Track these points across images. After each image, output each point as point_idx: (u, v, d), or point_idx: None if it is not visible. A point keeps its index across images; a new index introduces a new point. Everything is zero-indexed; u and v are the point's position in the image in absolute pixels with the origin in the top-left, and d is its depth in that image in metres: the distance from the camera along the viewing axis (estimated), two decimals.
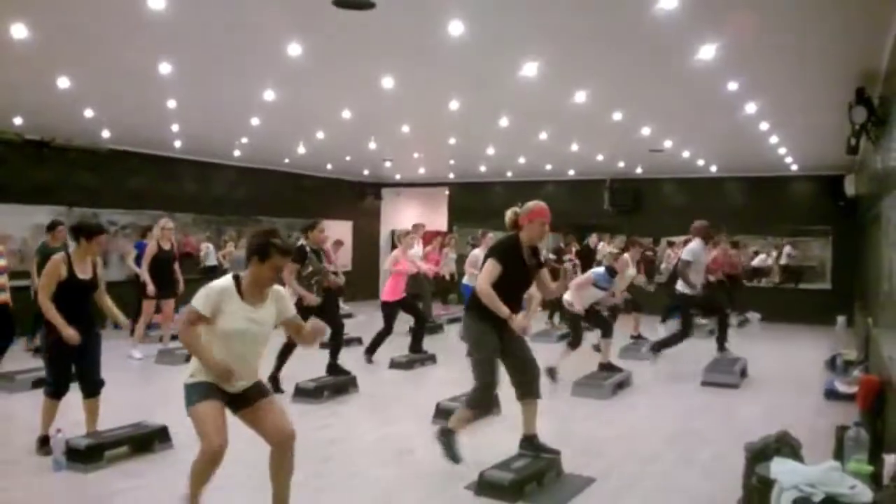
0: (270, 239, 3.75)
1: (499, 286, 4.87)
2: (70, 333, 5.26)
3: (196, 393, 3.70)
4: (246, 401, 3.85)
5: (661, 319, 12.43)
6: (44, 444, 5.46)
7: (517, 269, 4.97)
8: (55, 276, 5.38)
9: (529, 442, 5.24)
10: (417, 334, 9.83)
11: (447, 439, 5.07)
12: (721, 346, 8.99)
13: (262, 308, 3.81)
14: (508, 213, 5.16)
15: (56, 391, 5.51)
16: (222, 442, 3.64)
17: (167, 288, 9.79)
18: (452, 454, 5.03)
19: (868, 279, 9.11)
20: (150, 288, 9.56)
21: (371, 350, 9.57)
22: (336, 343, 8.13)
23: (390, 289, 9.56)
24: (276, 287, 3.91)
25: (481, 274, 4.90)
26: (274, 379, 7.59)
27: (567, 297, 8.48)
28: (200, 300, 3.67)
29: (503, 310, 4.82)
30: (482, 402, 5.08)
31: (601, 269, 8.80)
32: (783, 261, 15.85)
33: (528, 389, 5.15)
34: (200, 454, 3.68)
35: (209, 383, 3.72)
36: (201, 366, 3.73)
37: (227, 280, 3.77)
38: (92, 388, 5.61)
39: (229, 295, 3.70)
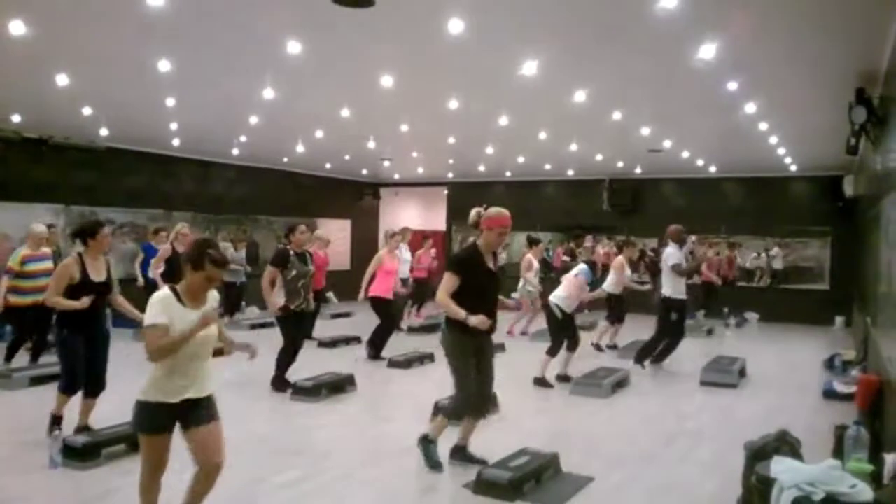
0: (206, 249, 3.69)
1: (467, 294, 4.87)
2: (81, 303, 5.32)
3: (146, 418, 3.65)
4: (197, 419, 3.71)
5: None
6: (55, 423, 5.54)
7: (479, 276, 4.96)
8: (65, 279, 5.39)
9: (460, 451, 5.29)
10: (378, 340, 9.65)
11: (426, 448, 5.10)
12: (650, 358, 9.05)
13: (203, 309, 3.73)
14: (472, 214, 5.18)
15: (69, 387, 5.55)
16: (161, 470, 3.73)
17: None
18: (433, 463, 5.05)
19: (867, 279, 9.10)
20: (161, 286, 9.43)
21: (378, 347, 9.49)
22: (284, 354, 7.78)
23: (379, 286, 9.47)
24: (213, 291, 3.86)
25: (440, 286, 4.88)
26: (279, 379, 7.62)
27: (553, 299, 8.42)
28: (152, 314, 3.60)
29: (459, 312, 4.83)
30: (461, 412, 5.08)
31: (583, 266, 8.81)
32: (775, 265, 15.78)
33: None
34: (142, 472, 3.73)
35: (159, 404, 3.63)
36: (153, 385, 3.65)
37: (164, 291, 3.73)
38: (94, 388, 5.64)
39: (169, 302, 3.65)
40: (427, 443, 5.17)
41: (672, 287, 8.95)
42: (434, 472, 5.07)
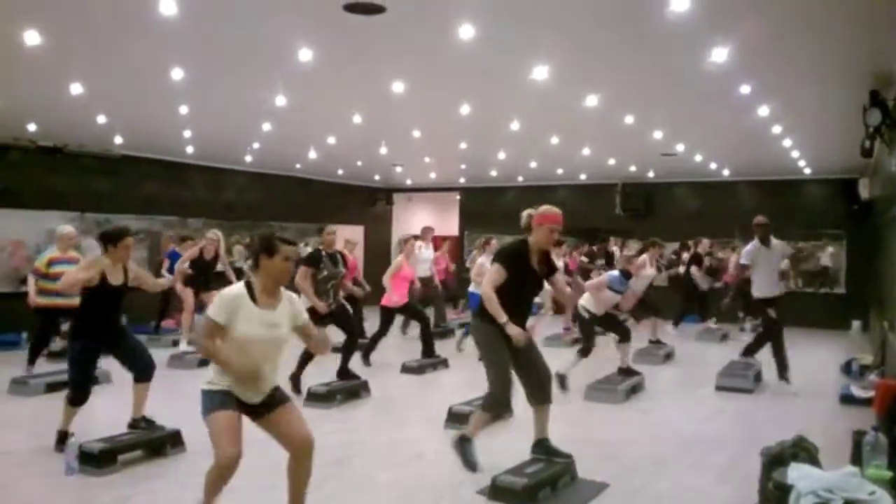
0: (271, 235, 3.83)
1: (506, 292, 4.84)
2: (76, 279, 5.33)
3: (212, 401, 3.66)
4: (266, 408, 3.81)
5: (673, 323, 12.44)
6: (62, 440, 5.45)
7: (524, 275, 4.92)
8: (90, 271, 5.39)
9: (541, 445, 5.22)
10: (427, 339, 9.78)
11: (464, 447, 5.01)
12: (749, 352, 8.82)
13: (276, 311, 3.76)
14: (524, 215, 5.14)
15: (76, 398, 5.53)
16: (236, 453, 3.58)
17: (205, 284, 9.86)
18: (470, 462, 4.95)
19: (883, 283, 9.02)
20: (178, 284, 9.57)
21: (367, 353, 9.50)
22: (348, 348, 8.11)
23: (393, 293, 9.48)
24: (288, 292, 3.89)
25: (486, 277, 4.88)
26: (294, 378, 7.64)
27: (582, 301, 8.45)
28: (214, 308, 3.66)
29: (501, 315, 4.80)
30: (499, 404, 5.00)
31: (615, 273, 8.78)
32: (824, 262, 15.50)
33: (539, 395, 5.13)
34: (214, 464, 3.64)
35: (226, 391, 3.68)
36: (219, 372, 3.69)
37: (239, 287, 3.75)
38: (140, 372, 5.65)
39: (242, 301, 3.66)
40: (463, 441, 5.03)
41: (766, 286, 8.60)
42: (471, 472, 4.94)
